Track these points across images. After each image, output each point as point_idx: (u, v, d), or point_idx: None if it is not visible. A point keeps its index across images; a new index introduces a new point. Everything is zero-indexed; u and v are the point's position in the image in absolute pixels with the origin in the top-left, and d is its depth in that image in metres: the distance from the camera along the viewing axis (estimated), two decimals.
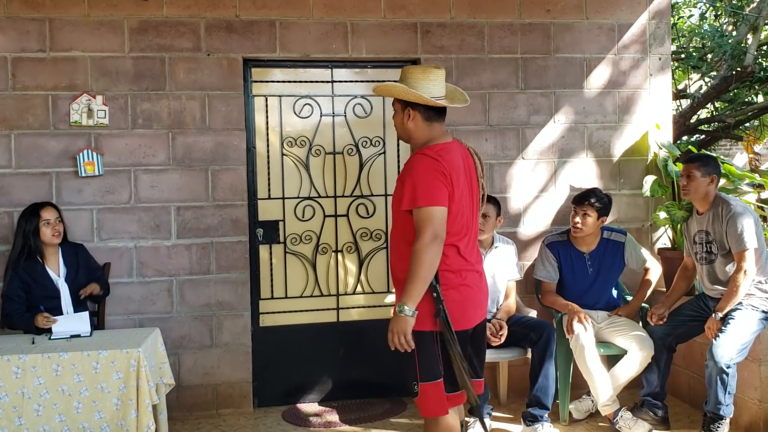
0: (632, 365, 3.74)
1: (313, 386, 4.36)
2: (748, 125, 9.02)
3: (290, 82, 4.29)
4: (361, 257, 4.38)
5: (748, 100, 8.37)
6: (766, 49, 8.08)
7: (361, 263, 4.39)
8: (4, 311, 3.63)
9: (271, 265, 4.30)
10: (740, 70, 7.06)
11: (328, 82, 4.32)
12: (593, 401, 3.92)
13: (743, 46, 7.39)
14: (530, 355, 3.83)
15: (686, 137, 8.60)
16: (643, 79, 4.54)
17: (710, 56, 7.82)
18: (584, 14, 4.47)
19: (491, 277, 3.80)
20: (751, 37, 7.48)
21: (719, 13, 8.43)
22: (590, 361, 3.70)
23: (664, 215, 4.14)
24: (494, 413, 4.00)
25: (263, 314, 4.30)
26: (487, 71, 4.36)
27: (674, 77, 8.01)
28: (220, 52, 4.11)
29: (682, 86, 8.87)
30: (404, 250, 2.60)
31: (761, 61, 7.81)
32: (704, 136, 8.82)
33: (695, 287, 3.99)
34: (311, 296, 4.35)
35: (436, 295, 2.57)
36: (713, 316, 3.54)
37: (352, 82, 4.35)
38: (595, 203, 3.93)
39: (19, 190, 3.94)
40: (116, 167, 4.03)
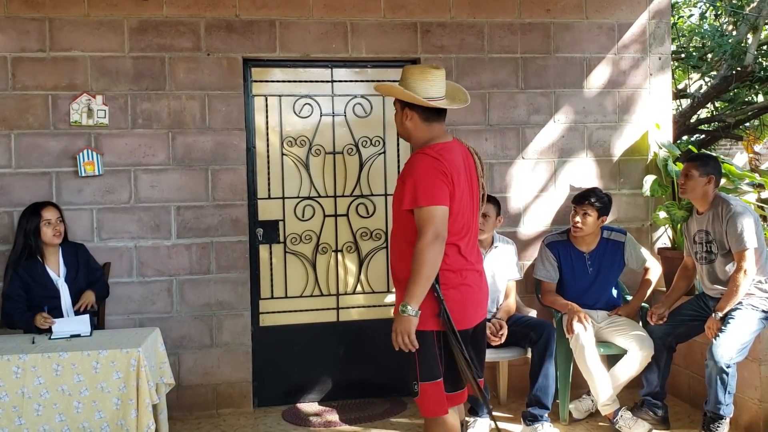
0: (632, 365, 3.74)
1: (313, 386, 4.36)
2: (748, 125, 9.02)
3: (290, 81, 4.29)
4: (361, 257, 4.38)
5: (748, 99, 8.37)
6: (766, 48, 8.07)
7: (361, 263, 4.39)
8: (4, 310, 3.63)
9: (271, 264, 4.30)
10: (740, 69, 7.06)
11: (328, 81, 4.33)
12: (593, 401, 3.92)
13: (743, 45, 7.38)
14: (530, 354, 3.83)
15: (686, 137, 8.60)
16: (643, 78, 4.54)
17: (710, 56, 7.82)
18: (584, 14, 4.47)
19: (491, 276, 3.80)
20: (751, 36, 7.47)
21: (719, 12, 8.43)
22: (590, 360, 3.70)
23: (664, 215, 4.14)
24: (494, 413, 4.00)
25: (263, 314, 4.30)
26: (487, 71, 4.36)
27: (674, 77, 8.01)
28: (220, 51, 4.11)
29: (682, 86, 8.87)
30: (405, 249, 2.60)
31: (761, 60, 7.80)
32: (704, 135, 8.82)
33: (695, 287, 3.99)
34: (311, 296, 4.35)
35: (436, 294, 2.57)
36: (713, 315, 3.54)
37: (352, 81, 4.35)
38: (595, 203, 3.93)
39: (19, 190, 3.94)
40: (116, 167, 4.03)
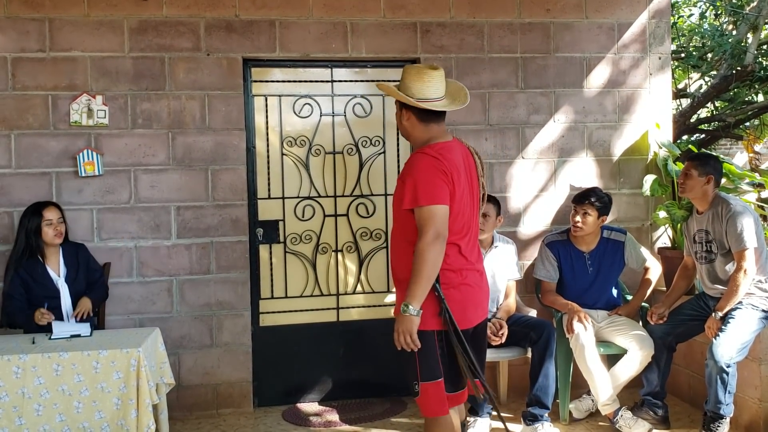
0: (632, 364, 3.74)
1: (313, 386, 4.36)
2: (748, 124, 9.01)
3: (290, 81, 4.29)
4: (361, 257, 4.38)
5: (748, 99, 8.37)
6: (766, 48, 8.07)
7: (361, 263, 4.39)
8: (4, 309, 3.63)
9: (271, 264, 4.30)
10: (740, 69, 7.05)
11: (327, 81, 4.32)
12: (593, 400, 3.93)
13: (743, 45, 7.38)
14: (530, 354, 3.83)
15: (686, 136, 8.60)
16: (643, 78, 4.54)
17: (710, 55, 7.81)
18: (584, 13, 4.47)
19: (491, 276, 3.80)
20: (751, 36, 7.47)
21: (719, 12, 8.42)
22: (590, 360, 3.70)
23: (663, 214, 4.14)
24: (494, 413, 4.00)
25: (263, 314, 4.30)
26: (486, 71, 4.36)
27: (674, 76, 8.00)
28: (219, 51, 4.11)
29: (682, 85, 8.87)
30: (405, 249, 2.60)
31: (761, 60, 7.80)
32: (704, 135, 8.81)
33: (695, 286, 3.99)
34: (311, 296, 4.35)
35: (437, 294, 2.57)
36: (713, 315, 3.54)
37: (351, 81, 4.35)
38: (595, 202, 3.93)
39: (19, 190, 3.94)
40: (116, 167, 4.04)
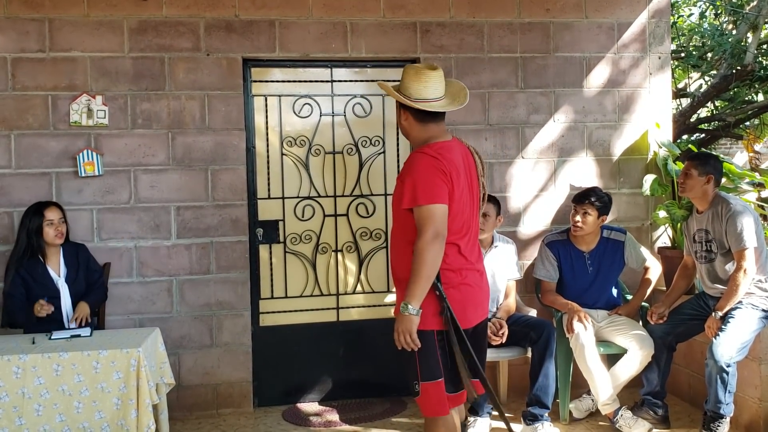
0: (632, 364, 3.74)
1: (313, 386, 4.36)
2: (748, 124, 9.02)
3: (290, 81, 4.29)
4: (360, 257, 4.38)
5: (748, 98, 8.37)
6: (766, 47, 8.07)
7: (360, 263, 4.39)
8: (5, 309, 3.63)
9: (271, 264, 4.30)
10: (740, 68, 7.05)
11: (327, 81, 4.32)
12: (593, 400, 3.93)
13: (743, 44, 7.38)
14: (530, 354, 3.83)
15: (686, 136, 8.60)
16: (642, 78, 4.54)
17: (710, 55, 7.81)
18: (584, 13, 4.47)
19: (491, 276, 3.80)
20: (751, 35, 7.47)
21: (719, 11, 8.43)
22: (590, 360, 3.70)
23: (663, 214, 4.14)
24: (494, 412, 4.00)
25: (263, 314, 4.30)
26: (486, 70, 4.36)
27: (674, 76, 8.00)
28: (219, 51, 4.11)
29: (682, 85, 8.87)
30: (405, 249, 2.60)
31: (761, 59, 7.80)
32: (704, 134, 8.82)
33: (695, 286, 3.99)
34: (311, 296, 4.35)
35: (438, 293, 2.56)
36: (713, 314, 3.54)
37: (351, 81, 4.35)
38: (595, 202, 3.93)
39: (19, 190, 3.94)
40: (116, 167, 4.04)
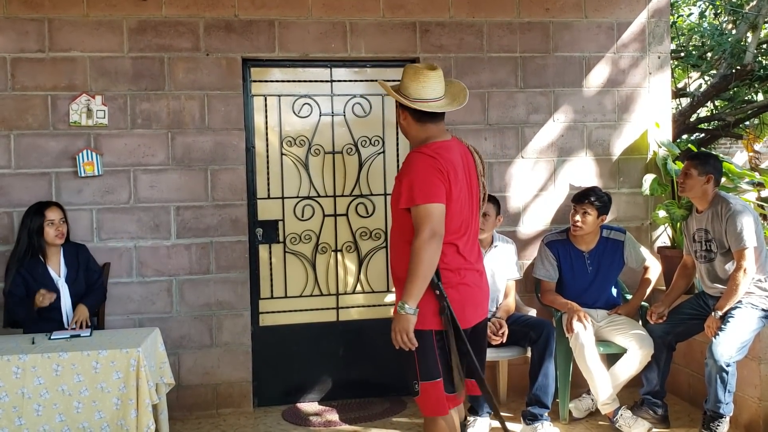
0: (632, 364, 3.74)
1: (312, 386, 4.36)
2: (747, 123, 9.02)
3: (289, 81, 4.29)
4: (360, 256, 4.38)
5: (747, 98, 8.37)
6: (765, 47, 8.07)
7: (360, 262, 4.39)
8: (6, 308, 3.63)
9: (270, 264, 4.30)
10: (740, 68, 7.06)
11: (327, 81, 4.32)
12: (593, 400, 3.92)
13: (743, 44, 7.38)
14: (530, 353, 3.83)
15: (686, 136, 8.61)
16: (642, 77, 4.54)
17: (710, 55, 7.82)
18: (583, 13, 4.47)
19: (491, 276, 3.80)
20: (750, 35, 7.47)
21: (719, 11, 8.43)
22: (590, 359, 3.70)
23: (663, 214, 4.14)
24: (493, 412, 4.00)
25: (263, 314, 4.30)
26: (486, 70, 4.36)
27: (674, 76, 8.00)
28: (219, 51, 4.11)
29: (681, 85, 8.87)
30: (404, 248, 2.60)
31: (761, 59, 7.80)
32: (704, 134, 8.82)
33: (695, 286, 3.99)
34: (311, 296, 4.35)
35: (439, 292, 2.56)
36: (713, 314, 3.54)
37: (351, 81, 4.35)
38: (594, 202, 3.93)
39: (18, 190, 3.94)
40: (116, 167, 4.04)
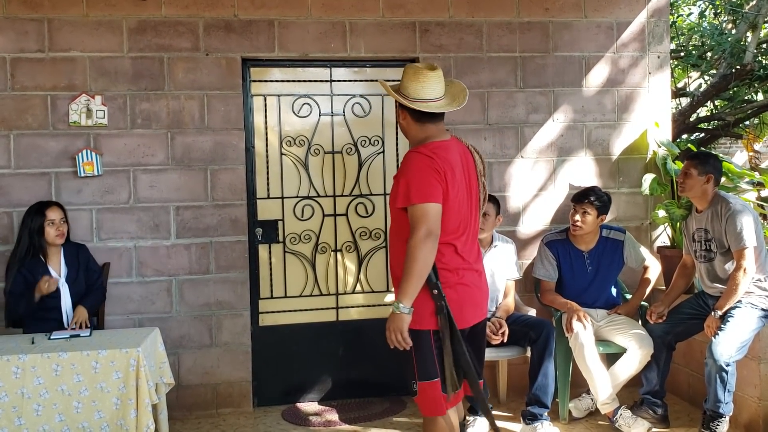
0: (632, 363, 3.74)
1: (312, 385, 4.36)
2: (747, 123, 9.02)
3: (289, 81, 4.29)
4: (360, 256, 4.38)
5: (747, 98, 8.37)
6: (765, 47, 8.07)
7: (360, 262, 4.39)
8: (8, 306, 3.62)
9: (270, 264, 4.30)
10: (740, 68, 7.06)
11: (326, 81, 4.32)
12: (593, 400, 3.92)
13: (743, 44, 7.38)
14: (530, 353, 3.83)
15: (686, 135, 8.60)
16: (642, 77, 4.54)
17: (710, 54, 7.82)
18: (583, 13, 4.47)
19: (490, 276, 3.80)
20: (750, 35, 7.47)
21: (718, 11, 8.43)
22: (589, 359, 3.70)
23: (663, 213, 4.14)
24: (494, 412, 3.98)
25: (263, 314, 4.30)
26: (485, 70, 4.36)
27: (674, 75, 8.00)
28: (218, 51, 4.12)
29: (681, 84, 8.86)
30: (402, 248, 2.59)
31: (761, 59, 7.80)
32: (704, 134, 8.82)
33: (694, 285, 3.99)
34: (311, 295, 4.35)
35: (437, 292, 2.56)
36: (712, 314, 3.54)
37: (350, 81, 4.35)
38: (594, 201, 3.93)
39: (18, 190, 3.94)
40: (115, 167, 4.04)
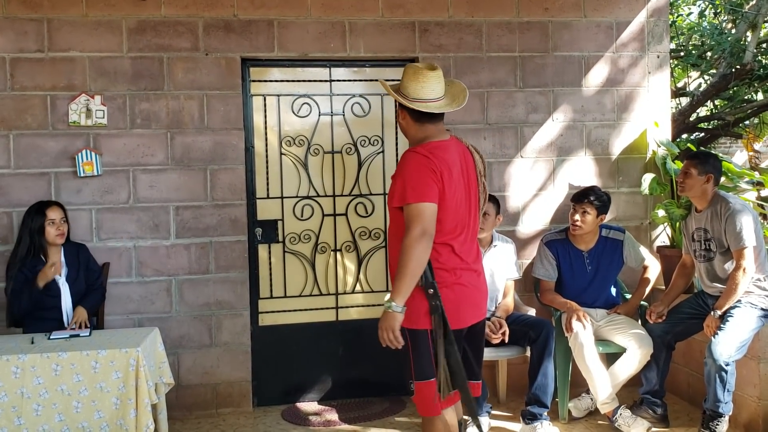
0: (631, 363, 3.74)
1: (312, 385, 4.37)
2: (747, 123, 9.02)
3: (288, 81, 4.29)
4: (360, 256, 4.39)
5: (747, 97, 8.38)
6: (765, 46, 8.07)
7: (360, 262, 4.39)
8: (10, 305, 3.61)
9: (270, 264, 4.30)
10: (739, 67, 7.06)
11: (326, 81, 4.32)
12: (592, 399, 3.92)
13: (742, 43, 7.39)
14: (529, 353, 3.83)
15: (686, 135, 8.61)
16: (641, 77, 4.54)
17: (709, 54, 7.82)
18: (582, 12, 4.47)
19: (490, 275, 3.80)
20: (750, 34, 7.47)
21: (718, 10, 8.43)
22: (589, 359, 3.70)
23: (662, 213, 4.15)
24: (493, 411, 4.00)
25: (262, 313, 4.30)
26: (485, 70, 4.36)
27: (674, 75, 8.00)
28: (218, 51, 4.12)
29: (681, 84, 8.87)
30: (399, 247, 2.60)
31: (760, 58, 7.81)
32: (704, 133, 8.82)
33: (694, 285, 4.00)
34: (310, 295, 4.35)
35: (432, 291, 2.56)
36: (712, 313, 3.54)
37: (350, 81, 4.35)
38: (594, 201, 3.93)
39: (18, 190, 3.94)
40: (115, 167, 4.04)
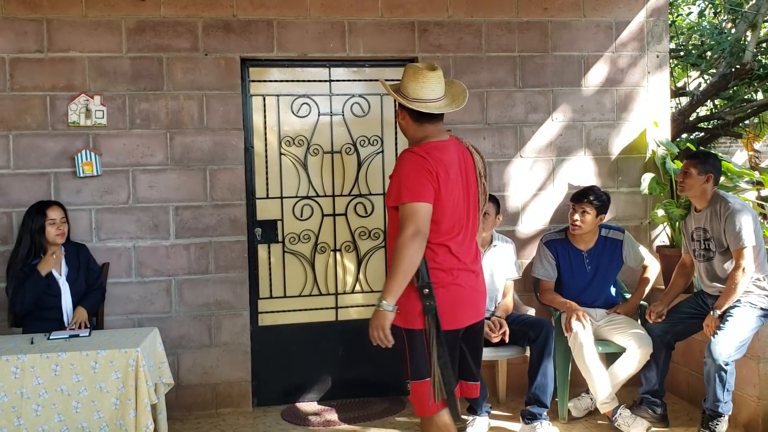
0: (631, 363, 3.74)
1: (312, 385, 4.37)
2: (747, 122, 9.03)
3: (288, 81, 4.29)
4: (359, 256, 4.39)
5: (747, 97, 8.38)
6: (765, 46, 8.07)
7: (359, 262, 4.39)
8: (13, 304, 3.61)
9: (269, 264, 4.30)
10: (739, 67, 7.06)
11: (325, 81, 4.32)
12: (592, 399, 3.93)
13: (742, 43, 7.39)
14: (529, 353, 3.83)
15: (685, 135, 8.61)
16: (641, 76, 4.54)
17: (709, 54, 7.82)
18: (582, 12, 4.47)
19: (489, 275, 3.81)
20: (750, 34, 7.47)
21: (718, 10, 8.44)
22: (589, 359, 3.70)
23: (662, 213, 4.15)
24: (493, 411, 4.00)
25: (262, 313, 4.30)
26: (484, 70, 4.36)
27: (673, 75, 8.00)
28: (217, 51, 4.12)
29: (681, 84, 8.87)
30: None
31: (760, 58, 7.81)
32: (704, 133, 8.82)
33: (694, 284, 4.00)
34: (310, 295, 4.35)
35: (427, 291, 2.55)
36: (711, 313, 3.54)
37: (349, 81, 4.35)
38: (593, 201, 3.93)
39: (17, 190, 3.94)
40: (114, 167, 4.04)
